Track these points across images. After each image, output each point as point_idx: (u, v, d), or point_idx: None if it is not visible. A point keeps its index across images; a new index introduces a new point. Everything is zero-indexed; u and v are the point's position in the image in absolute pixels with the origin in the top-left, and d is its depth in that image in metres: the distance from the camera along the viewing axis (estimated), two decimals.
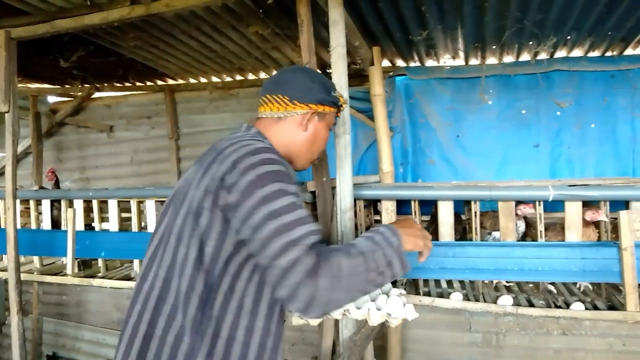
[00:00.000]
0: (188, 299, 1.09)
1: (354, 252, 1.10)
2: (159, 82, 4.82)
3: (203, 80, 4.67)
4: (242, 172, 1.08)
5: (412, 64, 3.98)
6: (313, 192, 2.34)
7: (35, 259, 3.32)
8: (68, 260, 3.04)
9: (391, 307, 1.49)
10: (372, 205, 3.31)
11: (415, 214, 2.42)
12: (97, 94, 5.06)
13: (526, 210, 2.25)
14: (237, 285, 1.12)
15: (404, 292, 1.76)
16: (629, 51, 3.54)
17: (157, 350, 1.09)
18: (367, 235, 1.20)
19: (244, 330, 1.12)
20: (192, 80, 4.72)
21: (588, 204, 2.23)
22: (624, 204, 2.11)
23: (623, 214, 1.95)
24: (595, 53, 3.61)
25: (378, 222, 3.07)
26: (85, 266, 3.23)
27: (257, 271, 1.13)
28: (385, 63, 3.95)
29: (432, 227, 2.86)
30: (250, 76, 4.53)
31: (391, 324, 1.49)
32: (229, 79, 4.61)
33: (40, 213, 3.32)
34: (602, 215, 2.12)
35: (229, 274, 1.11)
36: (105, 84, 4.89)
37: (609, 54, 3.59)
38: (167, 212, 1.22)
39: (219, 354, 1.09)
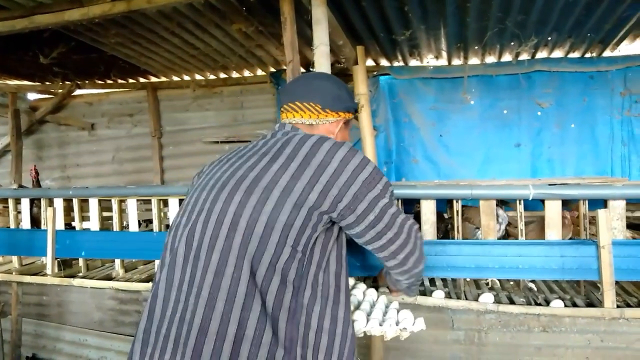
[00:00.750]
0: (284, 287, 1.09)
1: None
2: (142, 80, 4.77)
3: (186, 77, 4.63)
4: (356, 172, 1.18)
5: (395, 64, 4.00)
6: None
7: (14, 258, 3.25)
8: (48, 259, 2.99)
9: (406, 322, 1.52)
10: None
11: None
12: (78, 91, 4.99)
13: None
14: (321, 274, 1.17)
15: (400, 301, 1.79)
16: (607, 53, 3.61)
17: (249, 353, 1.03)
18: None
19: (329, 320, 1.16)
20: (175, 78, 4.67)
21: (567, 203, 2.26)
22: (602, 203, 2.14)
23: (601, 213, 1.98)
24: (575, 54, 3.67)
25: None
26: (66, 266, 3.18)
27: (335, 261, 1.22)
28: (369, 62, 3.97)
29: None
30: (234, 74, 4.51)
31: (402, 337, 1.52)
32: (212, 76, 4.57)
33: (20, 212, 3.25)
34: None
35: (314, 262, 1.16)
36: (87, 81, 4.82)
37: (588, 55, 3.66)
38: (231, 200, 1.15)
39: (311, 343, 1.11)
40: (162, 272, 1.20)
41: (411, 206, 2.97)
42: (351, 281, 1.93)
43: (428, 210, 2.28)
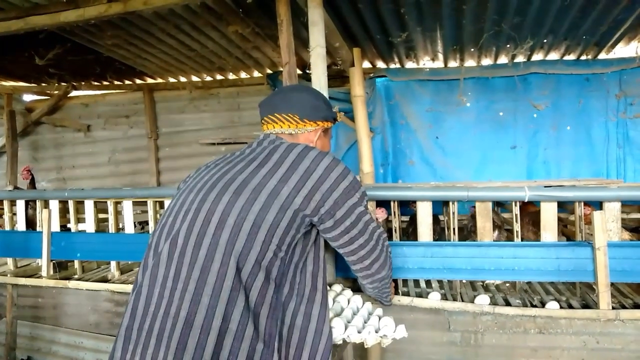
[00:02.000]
0: (267, 285, 1.14)
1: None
2: (138, 81, 4.76)
3: (183, 79, 4.63)
4: (338, 180, 1.27)
5: (392, 66, 4.01)
6: None
7: (9, 260, 3.24)
8: (43, 262, 2.98)
9: (386, 329, 1.53)
10: None
11: (394, 215, 2.43)
12: (74, 93, 4.98)
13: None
14: (299, 273, 1.26)
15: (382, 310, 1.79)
16: (602, 55, 3.62)
17: (232, 346, 1.08)
18: None
19: (302, 317, 1.22)
20: (171, 80, 4.67)
21: (564, 204, 2.27)
22: (598, 205, 2.15)
23: (597, 215, 1.99)
24: (571, 57, 3.68)
25: None
26: (61, 268, 3.17)
27: (312, 261, 1.30)
28: (366, 64, 3.97)
29: (412, 227, 2.88)
30: (231, 76, 4.50)
31: (383, 344, 1.53)
32: (209, 78, 4.57)
33: (15, 214, 3.24)
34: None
35: (294, 262, 1.24)
36: (83, 83, 4.81)
37: (583, 57, 3.67)
38: (219, 200, 1.21)
39: (284, 339, 1.17)
40: (146, 272, 1.22)
41: (407, 207, 2.98)
42: (338, 287, 1.94)
43: (424, 212, 2.29)
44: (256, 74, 4.40)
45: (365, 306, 1.73)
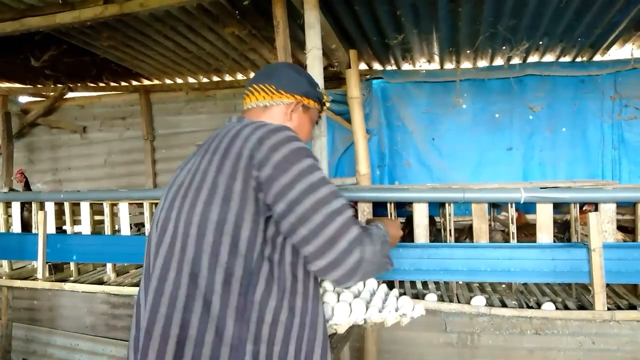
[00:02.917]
0: (228, 286, 1.07)
1: (378, 235, 1.21)
2: (134, 83, 4.75)
3: (179, 81, 4.62)
4: (273, 149, 1.09)
5: (388, 68, 4.02)
6: None
7: (5, 263, 3.22)
8: (39, 264, 2.96)
9: (405, 308, 1.52)
10: None
11: (391, 216, 2.43)
12: (70, 94, 4.96)
13: None
14: (276, 267, 1.12)
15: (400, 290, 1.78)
16: (597, 57, 3.64)
17: (193, 353, 1.05)
18: (372, 226, 1.28)
19: (287, 313, 1.13)
20: (167, 81, 4.66)
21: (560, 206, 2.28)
22: (594, 207, 2.16)
23: (592, 216, 2.00)
24: (566, 58, 3.70)
25: None
26: (57, 270, 3.16)
27: (291, 252, 1.15)
28: (362, 66, 3.97)
29: (408, 229, 2.89)
30: (227, 77, 4.50)
31: (402, 323, 1.53)
32: (205, 79, 4.57)
33: (10, 216, 3.23)
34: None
35: (266, 257, 1.11)
36: (79, 84, 4.79)
37: (579, 59, 3.69)
38: (173, 207, 1.18)
39: (265, 338, 1.10)
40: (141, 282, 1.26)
41: (404, 208, 2.98)
42: None
43: (420, 214, 2.29)
44: (252, 75, 4.40)
45: (381, 288, 1.71)
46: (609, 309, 2.03)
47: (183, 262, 1.10)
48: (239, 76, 4.46)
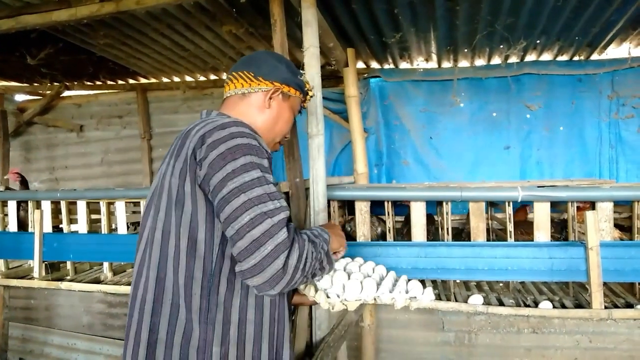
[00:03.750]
0: (190, 290, 1.08)
1: (311, 238, 1.14)
2: (131, 81, 4.73)
3: (176, 79, 4.61)
4: (211, 146, 1.07)
5: (386, 66, 4.01)
6: (287, 193, 2.33)
7: (1, 262, 3.22)
8: (35, 263, 2.96)
9: (415, 291, 1.51)
10: (347, 206, 3.32)
11: (388, 215, 2.43)
12: (66, 93, 4.95)
13: None
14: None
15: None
16: (595, 56, 3.64)
17: (164, 355, 1.08)
18: (307, 229, 1.23)
19: (254, 310, 1.12)
20: (165, 80, 4.65)
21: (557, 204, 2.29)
22: (591, 205, 2.16)
23: (589, 214, 2.00)
24: (564, 57, 3.70)
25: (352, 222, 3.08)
26: (53, 269, 3.15)
27: None
28: (360, 65, 3.97)
29: (406, 228, 2.89)
30: (224, 76, 4.49)
31: (412, 306, 1.52)
32: (202, 78, 4.56)
33: (6, 214, 3.22)
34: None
35: (227, 256, 1.10)
36: (75, 83, 4.78)
37: (576, 58, 3.69)
38: (149, 213, 1.20)
39: (234, 338, 1.09)
40: None
41: (402, 208, 2.98)
42: (360, 259, 1.75)
43: (418, 212, 2.29)
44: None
45: (390, 274, 1.71)
46: (606, 307, 2.04)
47: (150, 267, 1.13)
48: None
